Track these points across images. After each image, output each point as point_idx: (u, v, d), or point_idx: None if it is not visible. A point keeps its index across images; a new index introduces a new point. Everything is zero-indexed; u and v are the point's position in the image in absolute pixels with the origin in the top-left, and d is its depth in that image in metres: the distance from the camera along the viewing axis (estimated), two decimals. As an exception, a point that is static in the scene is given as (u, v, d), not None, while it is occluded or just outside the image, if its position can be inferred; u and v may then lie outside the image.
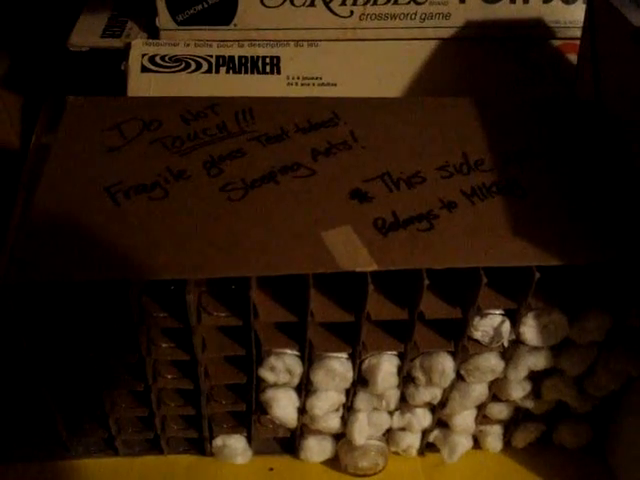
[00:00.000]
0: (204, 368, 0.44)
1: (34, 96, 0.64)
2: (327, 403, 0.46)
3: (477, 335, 0.43)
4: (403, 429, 0.50)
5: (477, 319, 0.43)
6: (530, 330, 0.43)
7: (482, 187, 0.44)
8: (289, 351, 0.43)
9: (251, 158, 0.45)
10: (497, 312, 0.43)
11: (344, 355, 0.44)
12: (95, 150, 0.45)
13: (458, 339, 0.43)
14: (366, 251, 0.40)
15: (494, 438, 0.51)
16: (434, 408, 0.49)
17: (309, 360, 0.44)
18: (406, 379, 0.46)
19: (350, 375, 0.44)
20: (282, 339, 0.43)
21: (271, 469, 0.51)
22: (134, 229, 0.40)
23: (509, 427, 0.51)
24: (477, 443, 0.52)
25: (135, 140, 0.46)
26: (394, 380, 0.45)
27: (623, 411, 0.50)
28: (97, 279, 0.38)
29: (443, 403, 0.48)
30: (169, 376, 0.45)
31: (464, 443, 0.51)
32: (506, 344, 0.44)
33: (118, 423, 0.48)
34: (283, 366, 0.43)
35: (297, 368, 0.44)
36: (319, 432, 0.49)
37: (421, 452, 0.52)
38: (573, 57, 0.58)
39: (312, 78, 0.58)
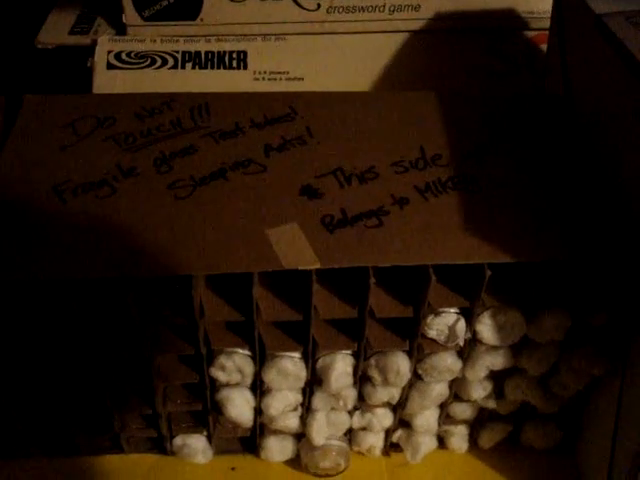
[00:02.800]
0: (157, 367, 0.44)
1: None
2: (282, 403, 0.45)
3: (432, 334, 0.42)
4: (364, 429, 0.49)
5: (431, 317, 0.42)
6: (486, 329, 0.42)
7: (437, 182, 0.43)
8: (240, 350, 0.43)
9: (202, 154, 0.44)
10: (451, 310, 0.42)
11: (296, 355, 0.43)
12: (47, 148, 0.45)
13: (413, 338, 0.43)
14: (311, 249, 0.39)
15: (459, 438, 0.50)
16: (395, 408, 0.48)
17: (260, 360, 0.43)
18: (363, 378, 0.45)
19: (304, 374, 0.44)
20: (232, 338, 0.42)
21: (233, 468, 0.51)
22: (76, 228, 0.40)
23: (474, 427, 0.50)
24: (442, 443, 0.51)
25: (88, 137, 0.46)
26: (349, 380, 0.44)
27: (592, 411, 0.49)
28: (32, 279, 0.38)
29: (402, 403, 0.47)
30: (123, 377, 0.44)
31: (428, 443, 0.50)
32: (462, 343, 0.43)
33: (76, 422, 0.48)
34: (234, 366, 0.43)
35: (248, 368, 0.43)
36: (279, 431, 0.49)
37: (385, 452, 0.51)
38: (547, 49, 0.57)
39: (279, 73, 0.57)
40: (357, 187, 0.43)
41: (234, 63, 0.57)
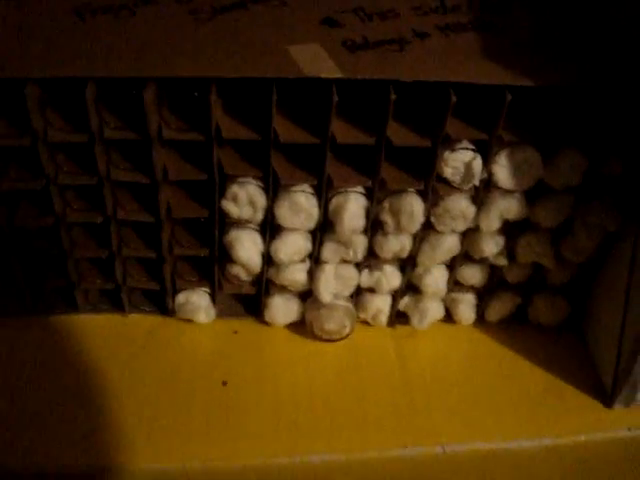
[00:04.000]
0: (165, 199, 0.43)
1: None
2: (292, 247, 0.44)
3: (447, 172, 0.42)
4: (372, 290, 0.48)
5: (447, 153, 0.41)
6: (502, 170, 0.42)
7: (457, 24, 0.43)
8: (252, 180, 0.42)
9: (223, -12, 0.44)
10: (468, 147, 0.41)
11: (309, 189, 0.42)
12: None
13: (428, 177, 0.42)
14: (332, 62, 0.39)
15: (466, 307, 0.49)
16: (404, 267, 0.47)
17: (273, 191, 0.42)
18: (374, 226, 0.44)
19: (315, 212, 0.43)
20: (245, 165, 0.41)
21: (235, 332, 0.50)
22: (95, 38, 0.39)
23: (483, 296, 0.50)
24: (449, 316, 0.50)
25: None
26: (361, 222, 0.43)
27: (601, 286, 0.48)
28: (55, 76, 0.37)
29: (413, 258, 0.46)
30: (129, 207, 0.43)
31: (435, 310, 0.49)
32: (477, 183, 0.42)
33: (78, 269, 0.47)
34: (246, 196, 0.42)
35: (260, 199, 0.42)
36: (285, 290, 0.48)
37: (391, 323, 0.50)
38: None
39: None
40: (378, 22, 0.43)
41: None
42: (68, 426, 0.43)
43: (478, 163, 0.41)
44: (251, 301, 0.49)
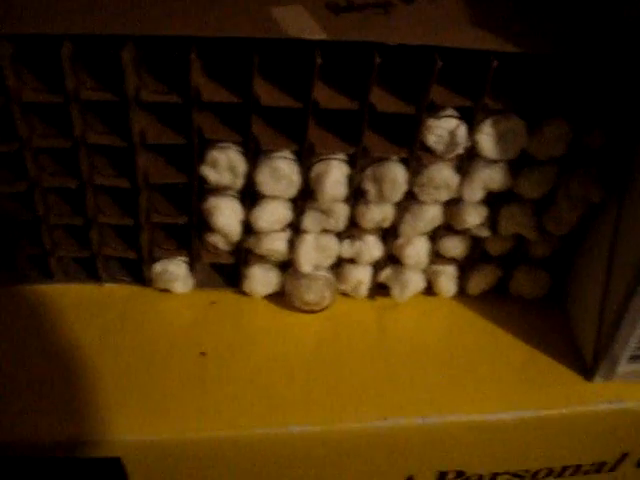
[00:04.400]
0: (143, 164, 0.42)
1: None
2: (272, 215, 0.44)
3: (431, 140, 0.41)
4: (352, 261, 0.47)
5: (431, 120, 0.40)
6: (487, 139, 0.41)
7: (445, -10, 0.42)
8: (232, 145, 0.41)
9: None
10: (453, 114, 0.41)
11: (290, 155, 0.42)
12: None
13: (411, 145, 0.41)
14: (316, 24, 0.38)
15: (447, 279, 0.49)
16: (385, 238, 0.47)
17: (254, 156, 0.41)
18: (356, 194, 0.44)
19: (297, 179, 0.42)
20: (225, 130, 0.41)
21: (213, 302, 0.49)
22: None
23: (464, 269, 0.49)
24: (430, 288, 0.50)
25: None
26: (342, 190, 0.43)
27: (582, 259, 0.48)
28: (28, 32, 0.36)
29: (394, 229, 0.45)
30: (105, 172, 0.42)
31: (416, 281, 0.48)
32: (461, 152, 0.41)
33: (52, 236, 0.46)
34: (226, 161, 0.41)
35: (241, 165, 0.41)
36: (264, 260, 0.47)
37: (371, 294, 0.50)
38: None
39: None
40: (362, -14, 0.42)
41: None
42: (43, 397, 0.42)
43: (462, 131, 0.41)
44: (230, 271, 0.48)
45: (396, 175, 0.42)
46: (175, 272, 0.47)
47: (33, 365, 0.44)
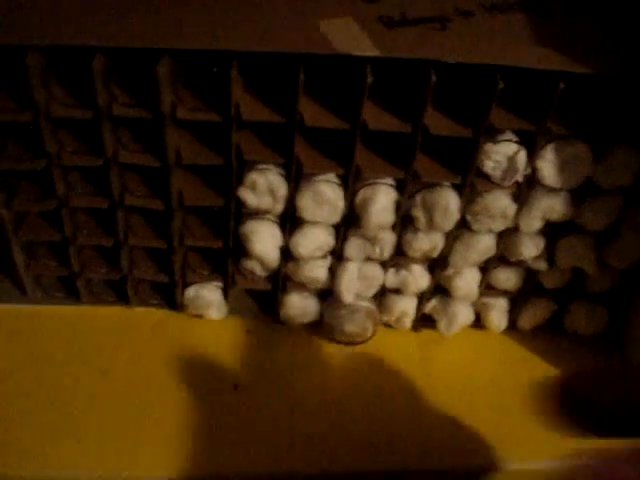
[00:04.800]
0: (177, 185, 0.39)
1: None
2: (313, 242, 0.41)
3: (488, 166, 0.38)
4: (397, 291, 0.44)
5: (489, 145, 0.37)
6: (548, 166, 0.38)
7: (504, 3, 0.39)
8: (273, 167, 0.38)
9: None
10: (512, 139, 0.37)
11: (335, 179, 0.39)
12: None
13: (466, 170, 0.38)
14: (367, 39, 0.35)
15: (498, 313, 0.46)
16: (433, 268, 0.43)
17: (296, 180, 0.38)
18: (404, 222, 0.41)
19: (341, 205, 0.39)
20: (266, 151, 0.38)
21: (248, 331, 0.46)
22: (104, 4, 0.36)
23: (516, 302, 0.46)
24: (479, 322, 0.47)
25: None
26: (390, 217, 0.40)
27: (643, 295, 0.44)
28: (59, 44, 0.34)
29: (444, 258, 0.42)
30: (137, 192, 0.40)
31: (464, 314, 0.45)
32: (520, 179, 0.38)
33: (80, 257, 0.43)
34: (266, 184, 0.38)
35: (281, 188, 0.39)
36: (303, 287, 0.44)
37: (416, 326, 0.46)
38: None
39: None
40: (417, -1, 0.39)
41: None
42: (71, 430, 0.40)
43: (522, 157, 0.37)
44: (266, 298, 0.45)
45: (448, 203, 0.39)
46: (209, 298, 0.45)
47: (56, 391, 0.41)
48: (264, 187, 0.38)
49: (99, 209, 0.40)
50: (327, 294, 0.45)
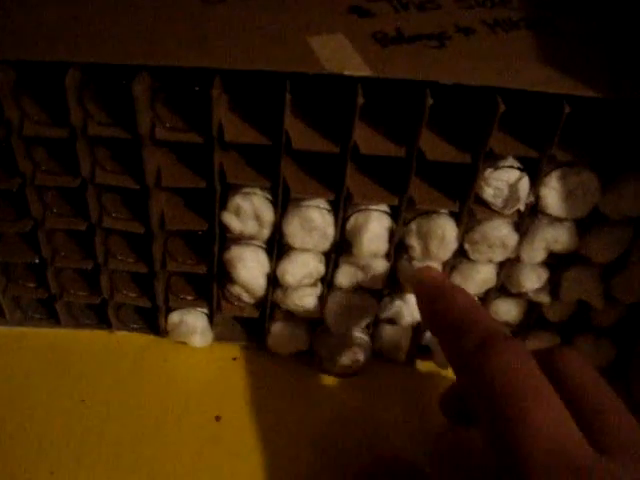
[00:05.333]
0: (158, 207, 0.37)
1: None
2: (301, 270, 0.39)
3: (488, 193, 0.36)
4: (391, 321, 0.42)
5: (489, 171, 0.35)
6: (553, 194, 0.36)
7: (507, 20, 0.37)
8: (259, 191, 0.36)
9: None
10: (514, 165, 0.35)
11: (324, 205, 0.36)
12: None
13: (464, 197, 0.36)
14: (359, 57, 0.33)
15: (499, 345, 0.43)
16: (430, 297, 0.41)
17: (283, 204, 0.36)
18: (398, 250, 0.38)
19: (331, 232, 0.37)
20: (251, 173, 0.36)
21: (234, 359, 0.44)
22: (78, 17, 0.34)
23: (518, 335, 0.43)
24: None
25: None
26: (383, 245, 0.37)
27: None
28: (31, 59, 0.32)
29: (441, 288, 0.40)
30: (116, 214, 0.37)
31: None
32: (522, 208, 0.36)
33: (59, 279, 0.41)
34: (251, 209, 0.36)
35: (267, 214, 0.36)
36: (291, 315, 0.42)
37: (411, 358, 0.44)
38: None
39: None
40: (415, 13, 0.37)
41: None
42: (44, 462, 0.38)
43: (525, 183, 0.35)
44: (253, 325, 0.43)
45: (445, 231, 0.36)
46: (193, 324, 0.42)
47: (29, 416, 0.39)
48: (249, 212, 0.36)
49: (77, 231, 0.38)
50: (317, 323, 0.42)
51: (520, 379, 0.26)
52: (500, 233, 0.37)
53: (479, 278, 0.39)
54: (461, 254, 0.38)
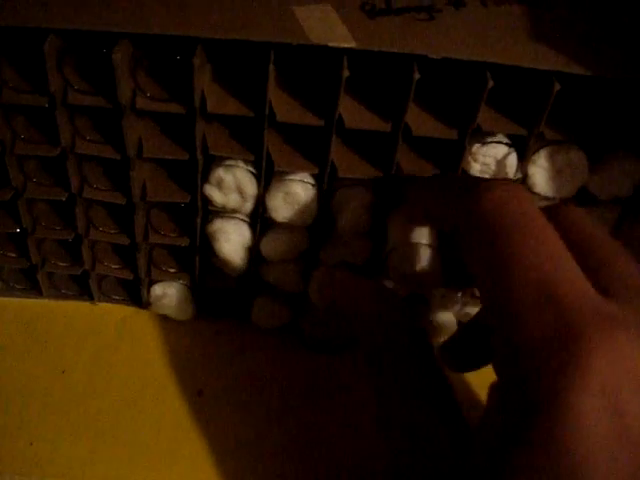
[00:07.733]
0: (139, 178, 0.36)
1: None
2: (284, 245, 0.38)
3: (475, 169, 0.35)
4: (376, 297, 0.41)
5: (477, 146, 0.34)
6: (540, 172, 0.35)
7: (499, -6, 0.36)
8: (242, 164, 0.35)
9: None
10: (502, 141, 0.34)
11: (308, 179, 0.36)
12: None
13: (452, 172, 0.35)
14: (345, 28, 0.32)
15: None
16: (415, 274, 0.40)
17: (266, 178, 0.36)
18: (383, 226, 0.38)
19: (314, 206, 0.36)
20: (234, 146, 0.35)
21: (217, 332, 0.43)
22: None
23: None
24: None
25: None
26: (368, 220, 0.37)
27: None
28: (8, 24, 0.31)
29: (425, 265, 0.39)
30: (98, 185, 0.37)
31: (450, 323, 0.42)
32: (509, 186, 0.35)
33: (41, 249, 0.41)
34: (233, 181, 0.35)
35: (250, 187, 0.36)
36: (274, 291, 0.41)
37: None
38: None
39: None
40: (404, -14, 0.36)
41: None
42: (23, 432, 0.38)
43: (513, 160, 0.35)
44: (237, 299, 0.43)
45: (431, 207, 0.36)
46: (175, 297, 0.42)
47: (7, 386, 0.39)
48: (232, 185, 0.36)
49: (58, 201, 0.37)
50: (301, 297, 0.42)
51: (517, 213, 0.24)
52: (486, 210, 0.36)
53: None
54: (447, 231, 0.38)
